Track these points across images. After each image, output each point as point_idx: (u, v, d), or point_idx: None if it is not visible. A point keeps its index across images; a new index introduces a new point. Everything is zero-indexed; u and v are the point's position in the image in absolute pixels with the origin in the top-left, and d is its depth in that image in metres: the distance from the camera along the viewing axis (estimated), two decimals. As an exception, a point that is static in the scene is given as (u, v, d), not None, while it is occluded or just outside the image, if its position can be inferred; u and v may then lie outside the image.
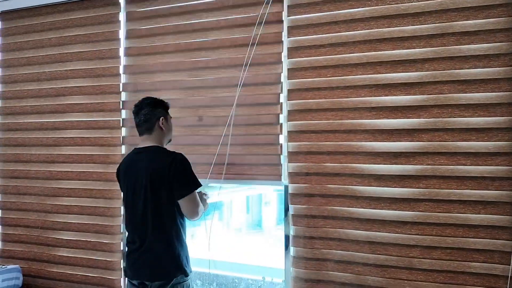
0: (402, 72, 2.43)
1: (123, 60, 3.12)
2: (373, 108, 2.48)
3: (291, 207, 2.66)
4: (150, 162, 2.22)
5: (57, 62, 3.32)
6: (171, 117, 2.44)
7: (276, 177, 2.72)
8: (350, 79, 2.52)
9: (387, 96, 2.45)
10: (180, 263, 2.22)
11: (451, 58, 2.34)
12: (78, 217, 3.23)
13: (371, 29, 2.49)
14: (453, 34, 2.34)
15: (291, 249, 2.66)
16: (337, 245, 2.54)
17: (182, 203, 2.21)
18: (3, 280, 3.16)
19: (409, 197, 2.40)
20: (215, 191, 2.86)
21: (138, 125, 2.32)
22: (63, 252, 3.28)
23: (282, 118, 2.72)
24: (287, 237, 2.70)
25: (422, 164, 2.38)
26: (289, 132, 2.66)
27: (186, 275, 2.25)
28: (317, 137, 2.59)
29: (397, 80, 2.43)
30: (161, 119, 2.31)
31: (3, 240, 3.51)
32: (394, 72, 2.44)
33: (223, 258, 3.57)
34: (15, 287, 3.24)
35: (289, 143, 2.66)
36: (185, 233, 2.31)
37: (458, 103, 2.33)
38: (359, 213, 2.50)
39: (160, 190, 2.19)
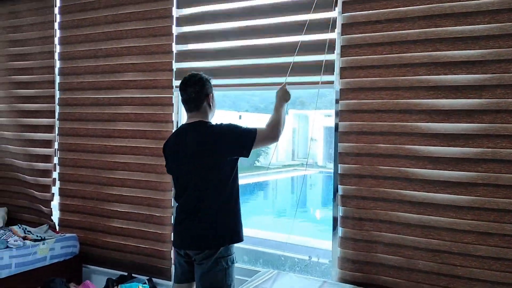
0: (464, 49, 2.30)
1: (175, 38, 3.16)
2: (431, 87, 2.38)
3: (340, 187, 2.62)
4: (197, 134, 2.22)
5: (112, 39, 3.40)
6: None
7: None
8: (408, 56, 2.42)
9: (446, 75, 2.34)
10: (223, 235, 2.20)
11: (518, 34, 2.19)
12: (131, 190, 3.34)
13: (431, 3, 2.36)
14: (522, 8, 2.18)
15: (339, 230, 2.64)
16: (387, 227, 2.49)
17: (257, 146, 2.20)
18: (61, 248, 3.35)
19: (466, 181, 2.30)
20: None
21: (186, 102, 2.30)
22: (117, 223, 3.42)
23: (334, 94, 2.66)
24: (335, 219, 2.67)
25: (481, 147, 2.27)
26: (340, 111, 2.61)
27: (231, 249, 2.23)
28: (370, 116, 2.52)
29: (458, 58, 2.31)
30: (209, 96, 2.32)
31: (61, 210, 3.70)
32: (455, 50, 2.32)
33: (271, 237, 3.60)
34: (72, 254, 3.42)
35: (340, 123, 2.61)
36: (236, 202, 2.25)
37: (525, 83, 2.18)
38: (412, 196, 2.42)
39: (207, 159, 2.18)
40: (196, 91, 2.27)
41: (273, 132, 2.28)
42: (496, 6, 2.22)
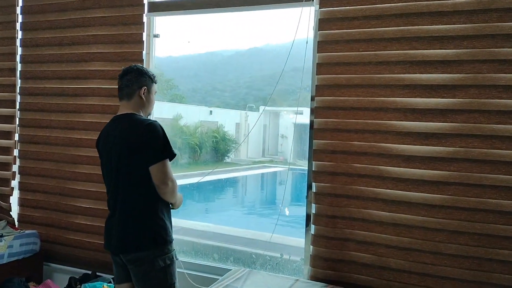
0: (439, 49, 2.31)
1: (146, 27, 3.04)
2: (406, 85, 2.38)
3: (314, 185, 2.59)
4: (125, 129, 2.11)
5: (79, 26, 3.25)
6: (155, 92, 2.28)
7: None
8: (384, 54, 2.41)
9: (422, 73, 2.34)
10: (153, 236, 2.08)
11: (492, 36, 2.22)
12: (96, 185, 3.21)
13: (408, 1, 2.36)
14: (496, 10, 2.21)
15: (312, 227, 2.61)
16: (360, 225, 2.48)
17: (152, 170, 2.04)
18: (21, 245, 3.18)
19: (438, 180, 2.32)
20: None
21: (119, 89, 2.20)
22: (81, 220, 3.28)
23: (311, 90, 2.62)
24: (307, 216, 2.64)
25: (454, 147, 2.29)
26: (316, 108, 2.58)
27: (164, 248, 2.11)
28: (345, 114, 2.51)
29: (434, 57, 2.32)
30: (143, 88, 2.18)
31: (21, 205, 3.52)
32: (430, 49, 2.32)
33: (241, 234, 3.55)
34: (32, 252, 3.26)
35: (316, 119, 2.58)
36: (158, 201, 2.11)
37: (497, 84, 2.21)
38: (385, 194, 2.42)
39: (134, 158, 2.07)
40: (130, 79, 2.17)
41: (169, 184, 2.10)
42: (472, 6, 2.24)
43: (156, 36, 3.16)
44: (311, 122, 2.62)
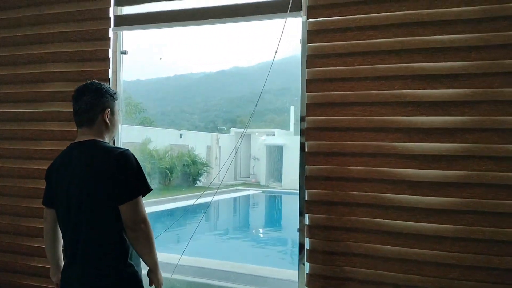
0: (444, 61, 2.07)
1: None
2: (408, 102, 2.12)
3: (307, 216, 2.29)
4: (87, 159, 1.78)
5: (37, 43, 2.90)
6: (119, 110, 1.98)
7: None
8: (382, 68, 2.16)
9: (425, 89, 2.10)
10: (115, 283, 1.75)
11: (503, 46, 2.00)
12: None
13: (408, 10, 2.13)
14: (505, 18, 2.00)
15: (307, 265, 2.29)
16: (362, 262, 2.18)
17: (123, 209, 1.71)
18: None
19: (450, 208, 2.05)
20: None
21: (77, 114, 1.86)
22: (39, 262, 2.86)
23: (299, 112, 2.34)
24: (300, 248, 2.32)
25: (466, 170, 2.03)
26: (307, 129, 2.29)
27: None
28: (341, 135, 2.23)
29: (438, 70, 2.08)
30: (106, 110, 1.87)
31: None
32: (434, 62, 2.09)
33: (221, 267, 3.20)
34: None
35: (308, 142, 2.29)
36: (125, 241, 1.76)
37: (511, 99, 1.98)
38: (389, 226, 2.13)
39: (100, 194, 1.73)
40: (90, 102, 1.84)
41: (143, 225, 1.74)
42: (478, 14, 2.03)
43: (123, 53, 2.83)
44: (302, 145, 2.33)
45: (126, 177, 1.73)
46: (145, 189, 1.77)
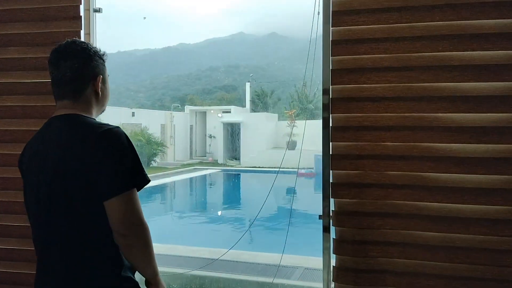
0: (496, 18, 1.79)
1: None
2: (454, 67, 1.84)
3: (334, 201, 1.97)
4: (64, 138, 1.35)
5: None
6: (108, 75, 1.54)
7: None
8: (422, 26, 1.86)
9: (474, 50, 1.82)
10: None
11: None
12: (20, 218, 2.31)
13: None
14: None
15: (333, 258, 1.98)
16: (400, 251, 1.89)
17: (110, 207, 1.27)
18: None
19: (502, 187, 1.80)
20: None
21: (58, 84, 1.41)
22: (1, 267, 2.36)
23: (322, 78, 1.99)
24: (325, 238, 2.01)
25: (521, 143, 1.78)
26: (332, 100, 1.95)
27: None
28: (374, 106, 1.91)
29: (490, 29, 1.80)
30: (98, 78, 1.44)
31: None
32: (484, 18, 1.80)
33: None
34: None
35: (333, 115, 1.95)
36: (113, 243, 1.32)
37: None
38: (432, 209, 1.86)
39: (76, 185, 1.30)
40: (77, 68, 1.39)
41: (143, 233, 1.32)
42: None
43: (97, 10, 2.33)
44: (325, 120, 1.99)
45: (114, 162, 1.29)
46: (141, 180, 1.33)
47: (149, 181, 1.36)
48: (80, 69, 1.40)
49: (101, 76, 1.45)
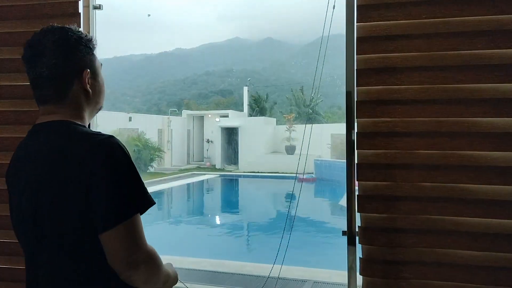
0: (542, 11, 1.60)
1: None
2: (495, 66, 1.65)
3: (360, 216, 1.77)
4: (49, 152, 1.11)
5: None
6: (101, 65, 1.27)
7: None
8: (458, 22, 1.67)
9: (518, 47, 1.62)
10: None
11: None
12: (9, 233, 2.10)
13: None
14: None
15: (359, 279, 1.78)
16: (436, 272, 1.70)
17: (106, 240, 1.04)
18: None
19: (552, 200, 1.61)
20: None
21: (36, 85, 1.17)
22: None
23: (346, 79, 1.80)
24: (350, 257, 1.81)
25: None
26: (358, 103, 1.76)
27: None
28: (405, 110, 1.72)
29: (536, 23, 1.61)
30: (85, 72, 1.18)
31: None
32: (529, 12, 1.61)
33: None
34: None
35: (359, 120, 1.76)
36: (110, 270, 1.06)
37: None
38: (472, 225, 1.66)
39: (64, 210, 1.07)
40: (56, 63, 1.14)
41: (151, 266, 1.10)
42: None
43: (97, 7, 2.14)
44: (349, 124, 1.80)
45: (108, 183, 1.04)
46: (143, 203, 1.09)
47: (153, 203, 1.10)
48: (60, 66, 1.14)
49: (88, 70, 1.18)
